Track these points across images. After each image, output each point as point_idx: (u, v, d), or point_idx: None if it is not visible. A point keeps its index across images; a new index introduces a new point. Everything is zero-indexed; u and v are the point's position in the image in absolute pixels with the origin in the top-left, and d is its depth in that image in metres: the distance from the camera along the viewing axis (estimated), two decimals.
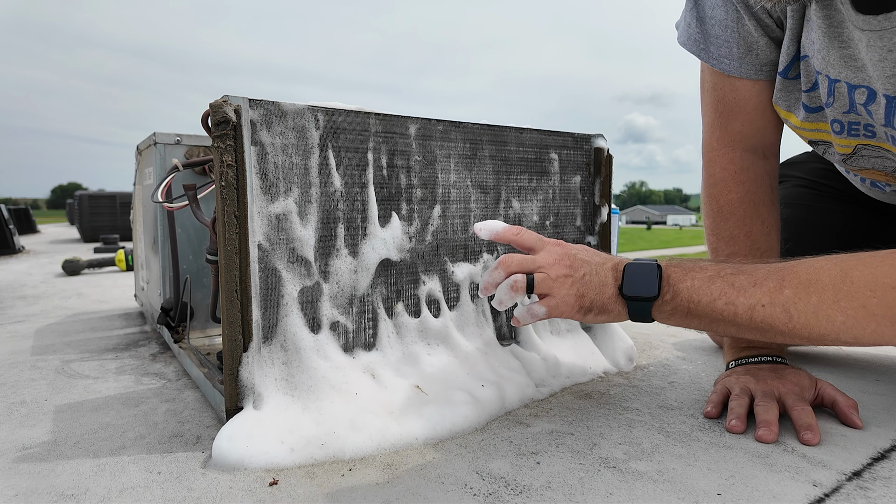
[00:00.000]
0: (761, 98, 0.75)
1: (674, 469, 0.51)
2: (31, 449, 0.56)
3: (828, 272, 0.52)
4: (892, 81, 0.60)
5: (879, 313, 0.50)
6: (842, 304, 0.51)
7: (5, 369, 0.84)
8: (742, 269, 0.56)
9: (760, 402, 0.61)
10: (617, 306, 0.59)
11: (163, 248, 0.90)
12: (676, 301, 0.57)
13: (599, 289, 0.58)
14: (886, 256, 0.52)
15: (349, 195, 0.64)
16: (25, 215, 4.27)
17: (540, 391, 0.70)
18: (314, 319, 0.62)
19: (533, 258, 0.59)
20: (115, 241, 2.96)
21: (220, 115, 0.55)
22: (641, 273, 0.58)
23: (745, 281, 0.54)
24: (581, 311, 0.59)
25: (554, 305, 0.58)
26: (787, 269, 0.54)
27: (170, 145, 0.90)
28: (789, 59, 0.70)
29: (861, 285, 0.51)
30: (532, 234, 0.63)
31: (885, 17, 0.57)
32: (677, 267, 0.58)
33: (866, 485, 0.49)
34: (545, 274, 0.58)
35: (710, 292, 0.55)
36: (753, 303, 0.53)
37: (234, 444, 0.52)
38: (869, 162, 0.74)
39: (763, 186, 0.77)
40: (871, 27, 0.59)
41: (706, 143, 0.81)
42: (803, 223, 0.99)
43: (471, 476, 0.50)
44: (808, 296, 0.52)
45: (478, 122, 0.74)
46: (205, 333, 0.93)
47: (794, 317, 0.52)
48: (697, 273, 0.57)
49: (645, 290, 0.57)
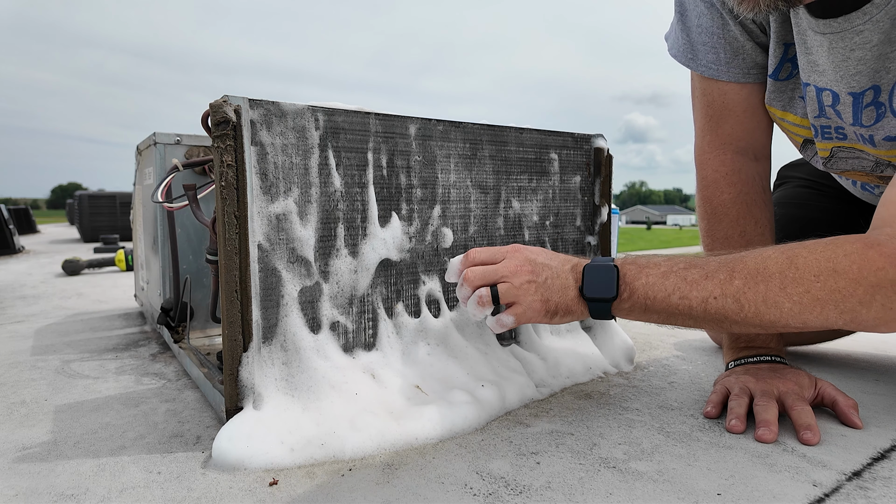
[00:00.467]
0: (750, 101, 0.76)
1: (674, 469, 0.51)
2: (31, 449, 0.56)
3: (775, 261, 0.53)
4: (857, 79, 0.62)
5: (823, 297, 0.51)
6: (788, 291, 0.52)
7: (5, 369, 0.84)
8: (694, 262, 0.57)
9: (760, 401, 0.61)
10: (580, 307, 0.60)
11: (163, 248, 0.90)
12: (634, 299, 0.58)
13: (562, 291, 0.59)
14: (830, 242, 0.53)
15: (349, 195, 0.64)
16: (25, 215, 4.27)
17: (540, 391, 0.70)
18: (314, 319, 0.62)
19: (495, 268, 0.60)
20: (115, 241, 2.96)
21: (220, 115, 0.55)
22: (600, 274, 0.59)
23: (697, 274, 0.56)
24: (548, 315, 0.60)
25: (521, 313, 0.59)
26: (737, 261, 0.55)
27: (170, 145, 0.90)
28: (777, 61, 0.71)
29: (805, 271, 0.52)
30: (484, 249, 0.63)
31: (844, 19, 0.59)
32: (632, 265, 0.59)
33: (866, 485, 0.49)
34: (509, 283, 0.59)
35: (665, 288, 0.56)
36: (706, 295, 0.55)
37: (233, 444, 0.52)
38: (847, 163, 0.75)
39: (755, 187, 0.78)
40: (832, 30, 0.61)
41: (698, 147, 0.83)
42: (804, 223, 0.99)
43: (471, 476, 0.50)
44: (756, 285, 0.53)
45: (478, 122, 0.74)
46: (205, 333, 0.93)
47: (745, 306, 0.53)
48: (652, 269, 0.58)
49: (604, 292, 0.58)
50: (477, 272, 0.60)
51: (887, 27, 0.58)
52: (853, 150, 0.72)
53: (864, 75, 0.62)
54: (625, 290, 0.58)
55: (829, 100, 0.67)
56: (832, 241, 0.53)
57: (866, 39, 0.59)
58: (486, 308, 0.60)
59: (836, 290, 0.51)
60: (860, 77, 0.62)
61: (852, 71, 0.62)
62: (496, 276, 0.59)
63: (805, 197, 1.03)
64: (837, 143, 0.73)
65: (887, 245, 0.51)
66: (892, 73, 0.60)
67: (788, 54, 0.70)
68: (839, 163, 0.76)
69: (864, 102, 0.64)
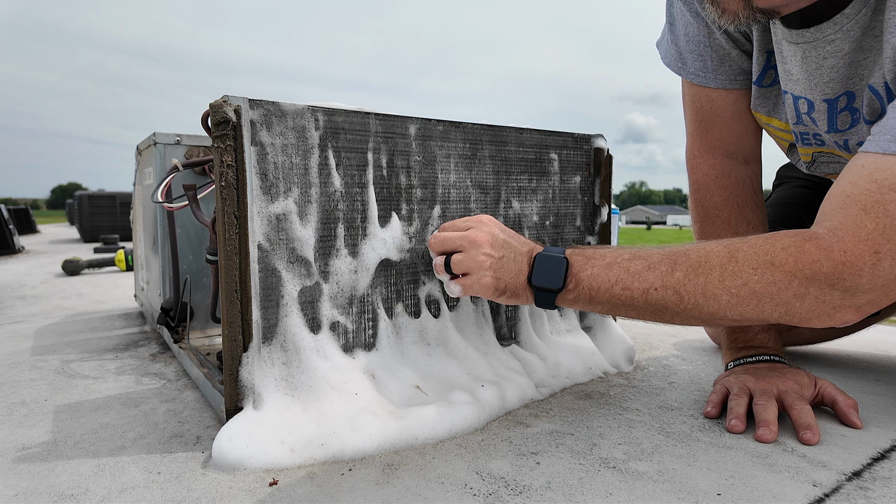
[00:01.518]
0: (737, 106, 0.78)
1: (674, 469, 0.51)
2: (30, 449, 0.56)
3: (716, 254, 0.54)
4: (830, 86, 0.63)
5: (759, 290, 0.52)
6: (726, 284, 0.53)
7: (5, 369, 0.84)
8: (639, 253, 0.58)
9: (759, 400, 0.61)
10: (526, 293, 0.61)
11: (163, 248, 0.90)
12: (578, 290, 0.59)
13: (515, 275, 0.61)
14: (770, 236, 0.54)
15: (349, 195, 0.64)
16: (25, 215, 4.27)
17: (540, 391, 0.70)
18: (314, 319, 0.62)
19: (460, 235, 0.62)
20: (115, 241, 2.96)
21: (220, 116, 0.55)
22: (549, 265, 0.60)
23: (639, 266, 0.57)
24: (496, 293, 0.61)
25: (469, 285, 0.61)
26: (680, 253, 0.56)
27: (170, 145, 0.90)
28: (760, 68, 0.72)
29: (744, 264, 0.53)
30: (457, 220, 0.65)
31: (816, 29, 0.60)
32: (580, 255, 0.60)
33: (866, 485, 0.49)
34: (465, 254, 0.60)
35: (608, 279, 0.57)
36: (647, 286, 0.56)
37: (233, 444, 0.52)
38: (829, 167, 0.76)
39: (745, 189, 0.79)
40: (805, 40, 0.62)
41: (689, 151, 0.84)
42: (803, 223, 0.99)
43: (471, 476, 0.50)
44: (696, 277, 0.54)
45: (478, 123, 0.74)
46: (205, 333, 0.93)
47: (685, 298, 0.54)
48: (597, 261, 0.59)
49: (550, 283, 0.59)
50: (440, 237, 0.63)
51: (858, 36, 0.59)
52: (832, 156, 0.73)
53: (837, 82, 0.63)
54: (570, 280, 0.59)
55: (805, 107, 0.68)
56: (773, 235, 0.54)
57: (838, 48, 0.60)
58: (442, 275, 0.62)
59: (773, 283, 0.52)
60: (833, 84, 0.63)
61: (826, 79, 0.63)
62: (454, 245, 0.61)
63: (803, 197, 1.03)
64: (817, 148, 0.74)
65: (824, 238, 0.52)
66: (864, 80, 0.61)
67: (771, 62, 0.71)
68: (821, 167, 0.77)
69: (839, 108, 0.65)
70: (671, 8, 0.78)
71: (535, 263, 0.60)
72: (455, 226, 0.65)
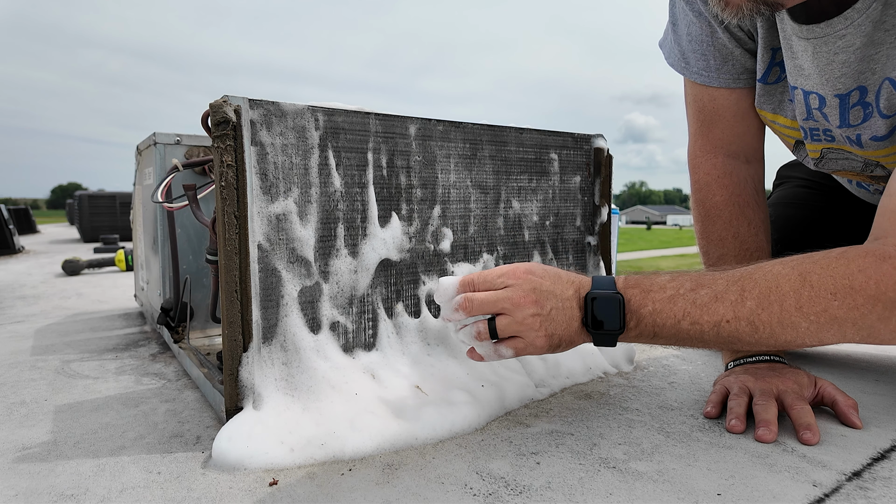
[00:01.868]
0: (740, 105, 0.77)
1: (674, 469, 0.51)
2: (31, 449, 0.56)
3: (787, 278, 0.52)
4: (842, 81, 0.62)
5: (841, 316, 0.50)
6: (804, 311, 0.51)
7: (5, 369, 0.84)
8: (701, 281, 0.55)
9: (759, 400, 0.61)
10: (582, 337, 0.57)
11: (163, 248, 0.90)
12: (641, 327, 0.56)
13: (567, 324, 0.56)
14: (840, 257, 0.52)
15: (349, 195, 0.64)
16: (25, 215, 4.27)
17: (540, 391, 0.70)
18: (314, 319, 0.62)
19: (496, 298, 0.55)
20: (115, 241, 2.96)
21: (220, 116, 0.55)
22: (604, 307, 0.55)
23: (706, 296, 0.54)
24: (550, 349, 0.57)
25: (522, 348, 0.56)
26: (747, 279, 0.53)
27: (170, 145, 0.90)
28: (765, 65, 0.72)
29: (821, 289, 0.51)
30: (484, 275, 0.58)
31: (826, 24, 0.60)
32: (636, 288, 0.56)
33: (866, 485, 0.49)
34: (511, 318, 0.55)
35: (674, 314, 0.54)
36: (718, 319, 0.53)
37: (233, 444, 0.52)
38: (837, 164, 0.76)
39: (747, 189, 0.79)
40: (816, 35, 0.61)
41: (691, 151, 0.84)
42: (803, 223, 0.99)
43: (471, 476, 0.50)
44: (770, 305, 0.52)
45: (478, 123, 0.74)
46: (205, 333, 0.93)
47: (760, 328, 0.52)
48: (657, 294, 0.55)
49: (609, 325, 0.55)
50: (476, 301, 0.56)
51: (869, 30, 0.58)
52: (842, 152, 0.73)
53: (849, 77, 0.62)
54: (631, 319, 0.55)
55: (816, 103, 0.67)
56: (842, 254, 0.52)
57: (849, 43, 0.60)
58: (485, 343, 0.57)
59: (854, 308, 0.50)
60: (845, 79, 0.63)
61: (837, 74, 0.62)
62: (497, 308, 0.55)
63: (804, 197, 1.03)
64: (826, 144, 0.73)
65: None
66: (877, 74, 0.61)
67: (776, 59, 0.71)
68: (829, 163, 0.77)
69: (851, 102, 0.64)
70: (674, 8, 0.78)
71: (589, 306, 0.56)
72: (487, 281, 0.57)
